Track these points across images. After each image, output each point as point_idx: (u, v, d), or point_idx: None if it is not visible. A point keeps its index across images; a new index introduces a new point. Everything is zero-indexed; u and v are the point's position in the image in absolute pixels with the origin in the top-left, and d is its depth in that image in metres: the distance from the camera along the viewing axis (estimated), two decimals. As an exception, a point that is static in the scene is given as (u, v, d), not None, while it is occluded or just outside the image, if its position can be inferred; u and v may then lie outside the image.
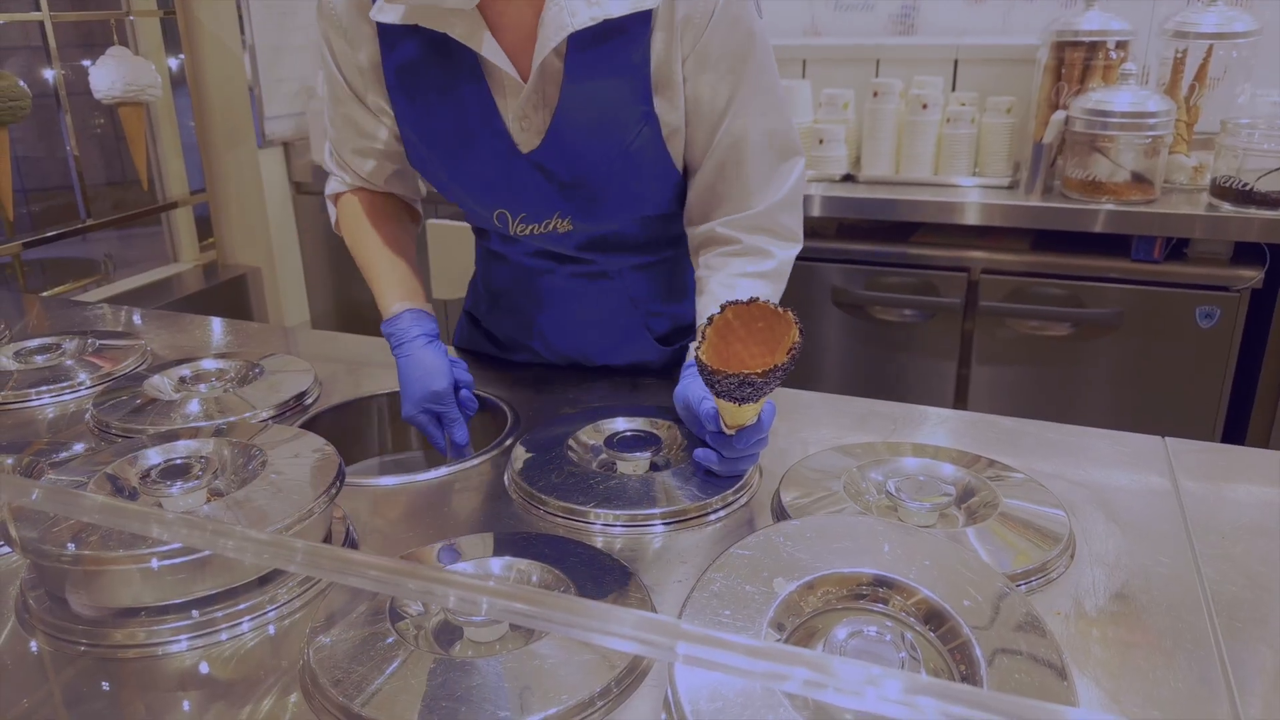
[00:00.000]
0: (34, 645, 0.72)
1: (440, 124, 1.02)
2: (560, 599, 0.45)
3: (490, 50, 0.95)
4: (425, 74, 1.00)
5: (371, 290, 1.13)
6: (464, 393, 1.06)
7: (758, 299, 0.85)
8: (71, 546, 0.69)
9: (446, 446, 1.05)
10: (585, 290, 1.17)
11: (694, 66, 0.98)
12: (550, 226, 1.07)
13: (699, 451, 0.92)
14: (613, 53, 0.96)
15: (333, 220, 1.23)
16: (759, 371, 0.79)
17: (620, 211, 1.08)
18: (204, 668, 0.69)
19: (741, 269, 1.04)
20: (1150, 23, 2.35)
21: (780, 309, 0.83)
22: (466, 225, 2.35)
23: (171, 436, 0.88)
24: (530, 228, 1.08)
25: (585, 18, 0.92)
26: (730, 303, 0.85)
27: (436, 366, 1.03)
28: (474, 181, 1.05)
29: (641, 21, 0.95)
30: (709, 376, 0.81)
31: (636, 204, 1.08)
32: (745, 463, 0.92)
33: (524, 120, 1.00)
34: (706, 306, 1.02)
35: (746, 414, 0.85)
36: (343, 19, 1.01)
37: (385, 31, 0.99)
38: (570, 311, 1.20)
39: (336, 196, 1.20)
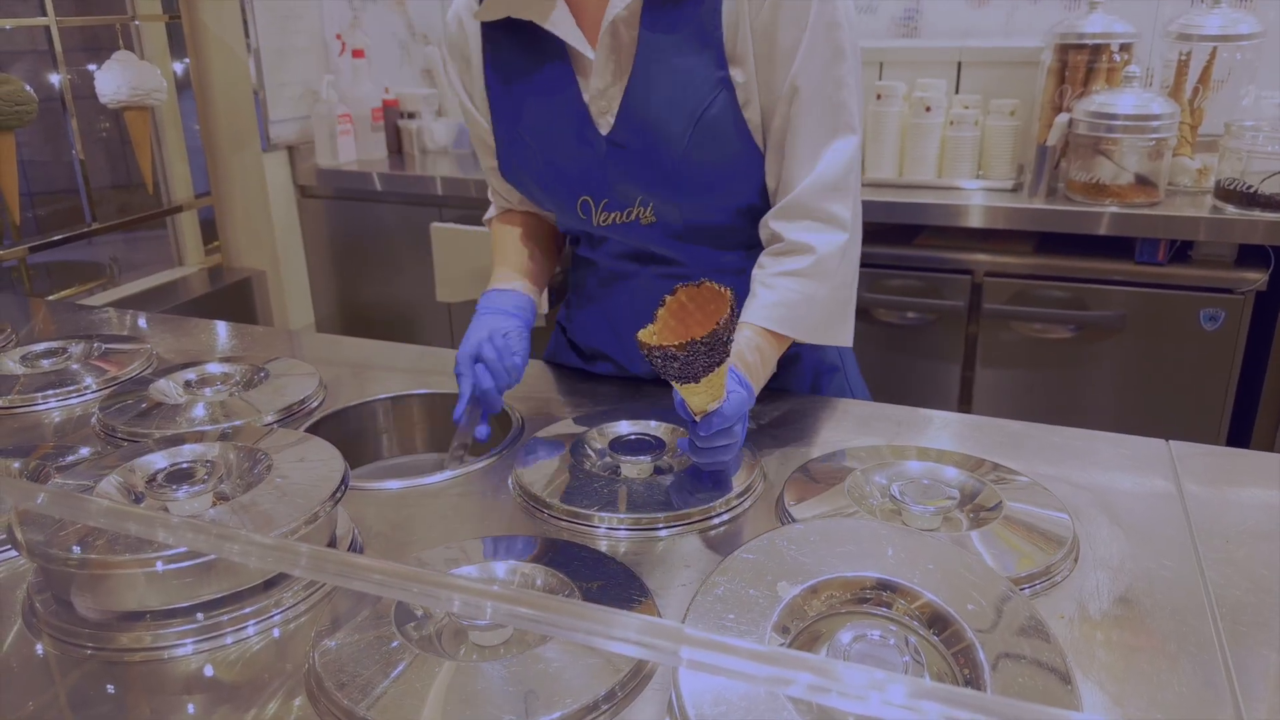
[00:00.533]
0: (40, 648, 0.72)
1: (528, 113, 1.07)
2: (564, 604, 0.45)
3: (558, 23, 0.99)
4: (516, 64, 1.06)
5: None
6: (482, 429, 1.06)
7: (706, 280, 0.83)
8: (77, 550, 0.70)
9: (465, 416, 1.04)
10: (650, 281, 1.14)
11: (764, 23, 0.97)
12: (632, 216, 1.07)
13: (680, 441, 0.93)
14: (684, 19, 0.98)
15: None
16: (676, 344, 0.78)
17: (700, 192, 1.04)
18: (209, 671, 0.69)
19: (780, 268, 1.01)
20: (1154, 25, 2.35)
21: (720, 288, 0.82)
22: (471, 229, 2.37)
23: (177, 440, 0.88)
24: (612, 216, 1.08)
25: None
26: (683, 284, 0.84)
27: (500, 329, 1.07)
28: (558, 170, 1.08)
29: None
30: (644, 353, 0.81)
31: (717, 184, 1.04)
32: (716, 454, 0.88)
33: (601, 99, 1.02)
34: (749, 307, 1.01)
35: (698, 397, 0.84)
36: (455, 35, 1.10)
37: (486, 33, 1.06)
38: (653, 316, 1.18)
39: (489, 222, 1.28)
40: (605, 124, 1.03)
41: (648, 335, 0.82)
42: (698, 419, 0.87)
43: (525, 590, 0.71)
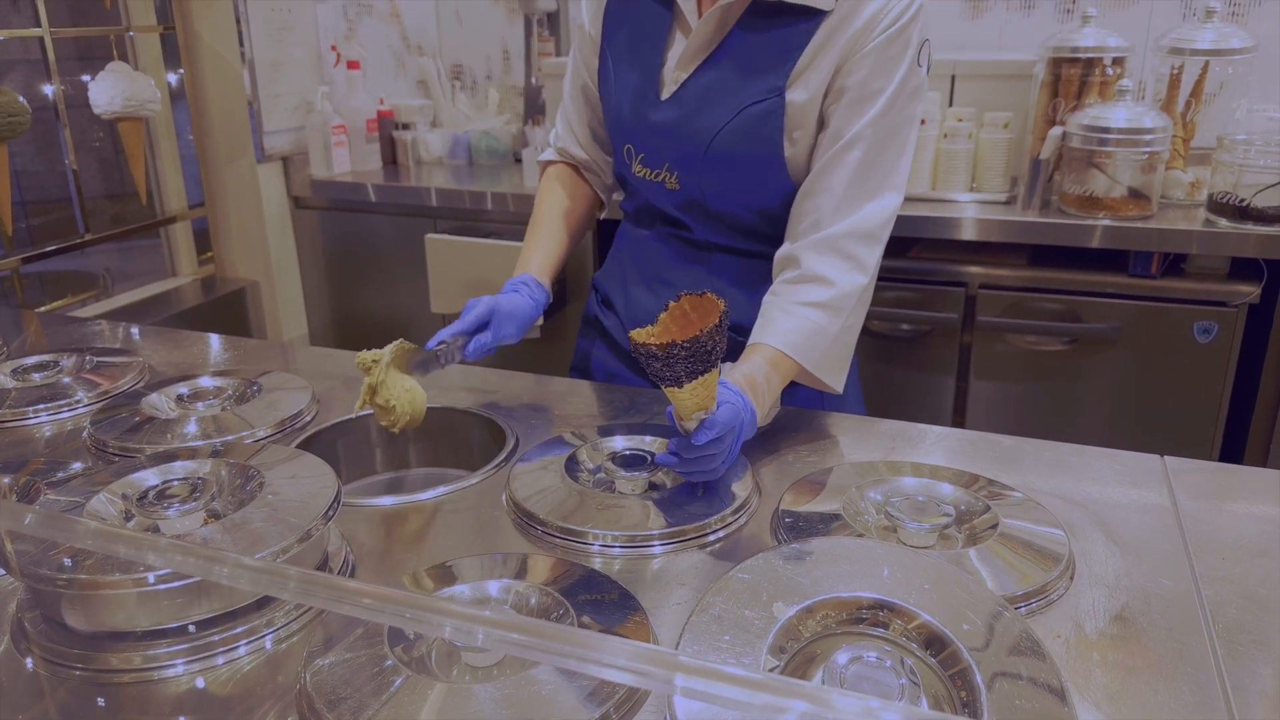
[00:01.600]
0: (29, 668, 0.71)
1: (624, 45, 1.16)
2: (558, 630, 0.44)
3: None
4: (634, 7, 1.16)
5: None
6: (475, 340, 1.10)
7: (707, 292, 0.85)
8: (66, 570, 0.69)
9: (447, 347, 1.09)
10: (673, 251, 1.22)
11: (856, 62, 1.05)
12: (660, 177, 1.16)
13: (659, 456, 0.92)
14: (775, 29, 1.06)
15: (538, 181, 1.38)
16: (657, 344, 0.79)
17: (720, 180, 1.12)
18: (200, 692, 0.69)
19: (799, 297, 1.05)
20: (1146, 39, 2.36)
21: (718, 299, 0.84)
22: (464, 240, 2.37)
23: (169, 457, 0.88)
24: (645, 170, 1.18)
25: None
26: (686, 293, 0.86)
27: (503, 300, 1.13)
28: (619, 110, 1.17)
29: (809, 17, 1.05)
30: (632, 351, 0.83)
31: (737, 177, 1.11)
32: (701, 464, 0.89)
33: (676, 68, 1.11)
34: (762, 330, 1.05)
35: (683, 404, 0.85)
36: None
37: None
38: (652, 268, 1.25)
39: (546, 164, 1.36)
40: (668, 90, 1.12)
41: (641, 335, 0.83)
42: (684, 426, 0.87)
43: (518, 616, 0.71)
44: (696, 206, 1.17)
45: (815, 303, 1.05)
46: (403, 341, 1.06)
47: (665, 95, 1.12)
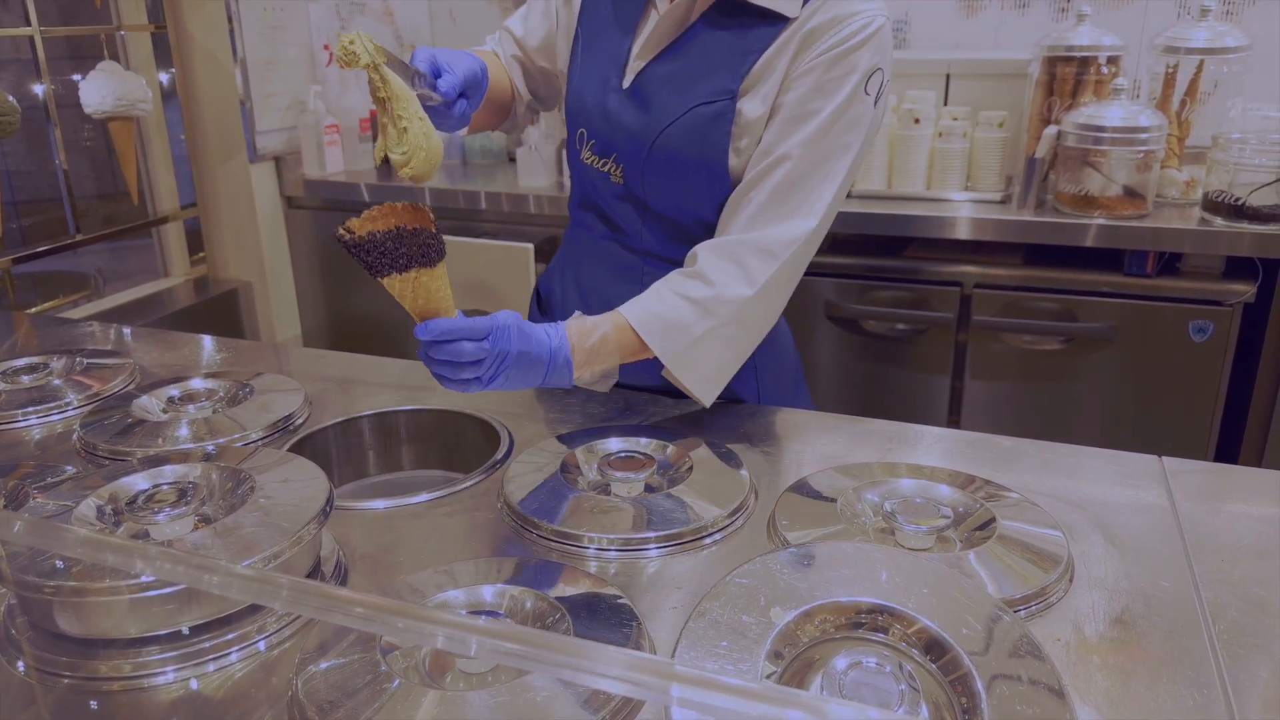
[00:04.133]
0: (19, 676, 0.70)
1: (596, 37, 1.14)
2: (553, 639, 0.44)
3: None
4: None
5: None
6: (444, 79, 1.00)
7: (420, 204, 0.89)
8: (55, 577, 0.68)
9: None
10: (610, 261, 1.20)
11: (800, 76, 1.02)
12: (606, 167, 1.14)
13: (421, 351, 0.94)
14: (735, 30, 1.04)
15: None
16: (346, 227, 0.85)
17: (661, 178, 1.09)
18: (191, 699, 0.68)
19: (677, 288, 1.03)
20: (1141, 38, 2.36)
21: (429, 211, 0.89)
22: (458, 240, 2.36)
23: (160, 461, 0.87)
24: (593, 158, 1.15)
25: None
26: (405, 203, 0.89)
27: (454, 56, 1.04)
28: (583, 97, 1.14)
29: (773, 22, 1.02)
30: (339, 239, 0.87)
31: (678, 179, 1.09)
32: (443, 370, 0.92)
33: (639, 57, 1.09)
34: (629, 303, 1.04)
35: (406, 300, 0.89)
36: None
37: None
38: (589, 279, 1.24)
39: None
40: (628, 78, 1.10)
41: (353, 223, 0.87)
42: (416, 320, 0.91)
43: (511, 625, 0.70)
44: (637, 204, 1.14)
45: (688, 297, 1.02)
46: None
47: (626, 84, 1.10)
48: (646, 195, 1.12)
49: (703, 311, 1.02)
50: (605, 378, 1.07)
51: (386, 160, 0.95)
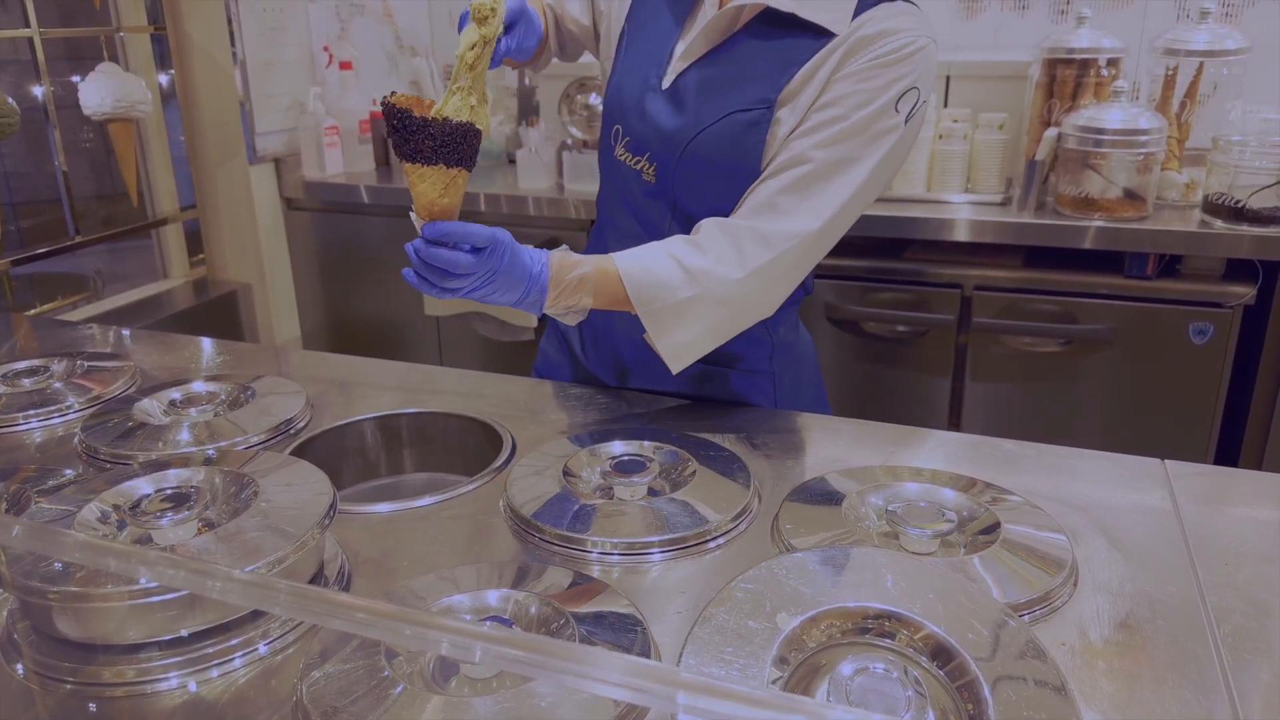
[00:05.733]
0: (20, 681, 0.70)
1: (641, 35, 1.14)
2: (559, 646, 0.43)
3: None
4: None
5: None
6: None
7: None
8: (57, 582, 0.68)
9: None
10: (632, 245, 1.15)
11: (830, 85, 1.02)
12: (639, 165, 1.14)
13: (407, 244, 0.93)
14: (779, 38, 1.04)
15: None
16: (416, 113, 0.86)
17: (695, 179, 1.09)
18: (194, 704, 0.68)
19: (674, 249, 1.03)
20: (1141, 40, 2.36)
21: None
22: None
23: (162, 465, 0.87)
24: (627, 155, 1.15)
25: (786, 2, 1.02)
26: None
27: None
28: (623, 94, 1.14)
29: (817, 36, 1.02)
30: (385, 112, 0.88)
31: (712, 181, 1.08)
32: (432, 272, 0.91)
33: (682, 58, 1.09)
34: (625, 253, 1.04)
35: (422, 186, 0.89)
36: None
37: None
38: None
39: None
40: (669, 79, 1.10)
41: (400, 99, 0.88)
42: (419, 221, 0.90)
43: (517, 632, 0.70)
44: (668, 202, 1.14)
45: (681, 262, 1.02)
46: None
47: (665, 84, 1.10)
48: (676, 195, 1.12)
49: (690, 279, 1.01)
50: (574, 313, 1.06)
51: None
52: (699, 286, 1.01)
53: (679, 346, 1.05)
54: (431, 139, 0.87)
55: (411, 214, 0.94)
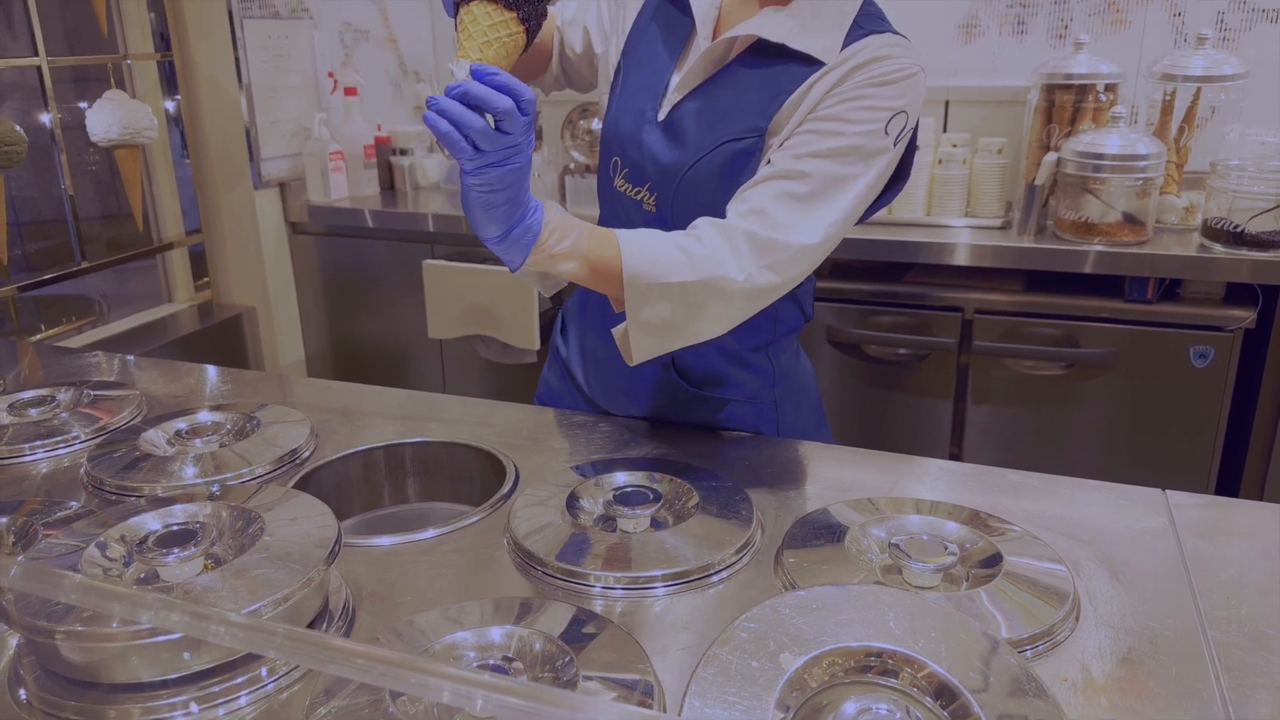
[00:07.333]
0: (26, 719, 0.70)
1: (638, 68, 1.16)
2: (559, 696, 0.44)
3: (701, 5, 1.10)
4: (664, 20, 1.16)
5: None
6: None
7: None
8: (62, 621, 0.68)
9: None
10: None
11: (823, 103, 1.03)
12: (639, 195, 1.15)
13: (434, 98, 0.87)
14: (770, 68, 1.06)
15: None
16: None
17: (693, 208, 1.08)
18: (199, 744, 0.68)
19: (673, 236, 1.01)
20: (1138, 65, 2.38)
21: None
22: (461, 265, 2.37)
23: (168, 500, 0.87)
24: (626, 186, 1.16)
25: (777, 33, 1.04)
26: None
27: None
28: (619, 127, 1.16)
29: (807, 64, 1.04)
30: None
31: (709, 212, 1.06)
32: (440, 123, 0.83)
33: (676, 90, 1.10)
34: (626, 230, 1.01)
35: (469, 43, 0.87)
36: None
37: None
38: (607, 308, 1.17)
39: None
40: (664, 111, 1.11)
41: None
42: (456, 66, 0.86)
43: (516, 681, 0.70)
44: (667, 229, 1.09)
45: (681, 247, 0.99)
46: None
47: (661, 116, 1.12)
48: (675, 223, 1.12)
49: (689, 262, 0.98)
50: (545, 279, 1.03)
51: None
52: (696, 273, 0.98)
53: (647, 326, 1.00)
54: None
55: (451, 65, 0.88)
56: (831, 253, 1.07)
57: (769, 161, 1.04)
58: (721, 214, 1.07)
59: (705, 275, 0.98)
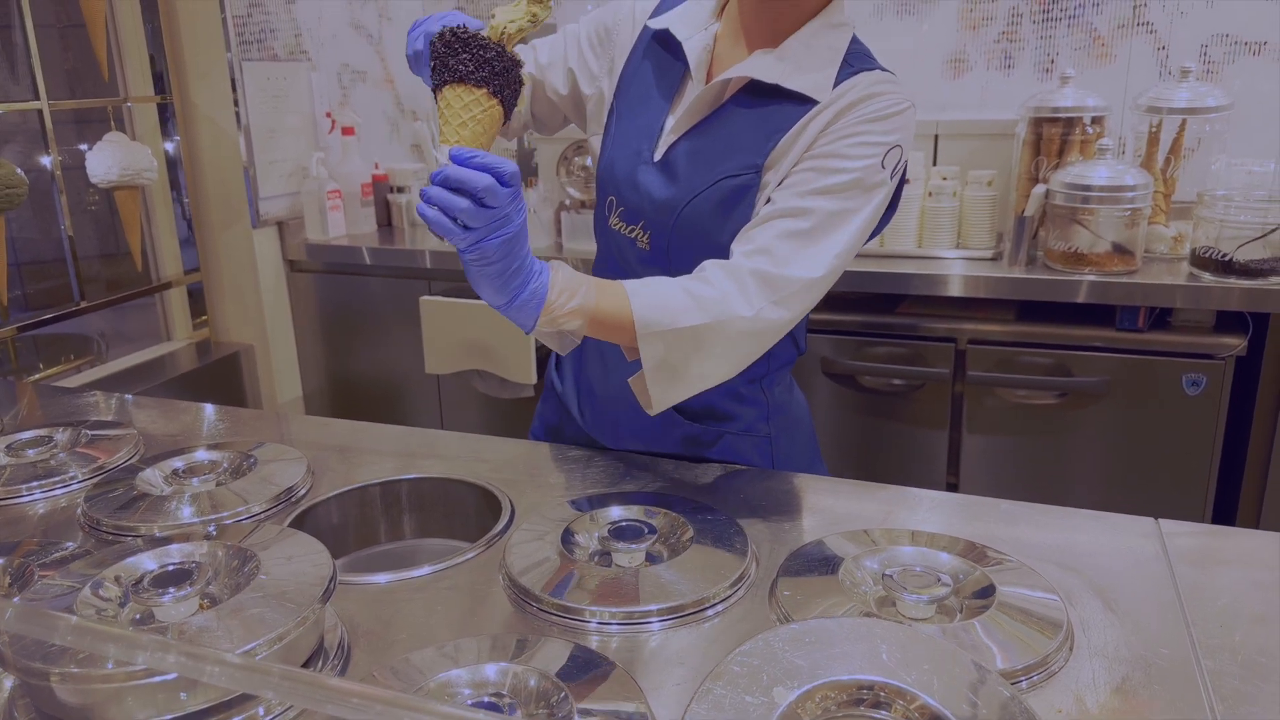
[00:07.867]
0: (20, 764, 0.70)
1: (632, 109, 1.17)
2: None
3: (695, 49, 1.12)
4: (656, 62, 1.17)
5: None
6: None
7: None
8: (57, 662, 0.68)
9: None
10: None
11: (819, 140, 1.05)
12: (634, 234, 1.16)
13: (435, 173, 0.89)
14: (764, 107, 1.08)
15: None
16: (458, 30, 0.88)
17: (689, 245, 1.10)
18: (194, 786, 0.68)
19: (680, 280, 1.03)
20: (1124, 97, 2.42)
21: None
22: (458, 301, 2.38)
23: (164, 540, 0.87)
24: (621, 225, 1.18)
25: (770, 74, 1.06)
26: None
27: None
28: (614, 167, 1.17)
29: (801, 102, 1.06)
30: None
31: (706, 245, 1.09)
32: (431, 212, 0.87)
33: (672, 131, 1.12)
34: (633, 281, 1.03)
35: (448, 126, 0.89)
36: (639, 18, 1.20)
37: (653, 35, 1.18)
38: (607, 344, 1.20)
39: None
40: (660, 151, 1.13)
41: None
42: (439, 152, 0.89)
43: (514, 719, 0.70)
44: (663, 268, 1.13)
45: (689, 291, 1.00)
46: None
47: (657, 156, 1.13)
48: (671, 260, 1.14)
49: (697, 306, 1.00)
50: (563, 338, 1.04)
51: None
52: (706, 315, 1.00)
53: (663, 370, 1.01)
54: (473, 57, 0.87)
55: (434, 151, 0.93)
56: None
57: (770, 200, 1.07)
58: (716, 250, 1.09)
59: (715, 317, 1.00)
